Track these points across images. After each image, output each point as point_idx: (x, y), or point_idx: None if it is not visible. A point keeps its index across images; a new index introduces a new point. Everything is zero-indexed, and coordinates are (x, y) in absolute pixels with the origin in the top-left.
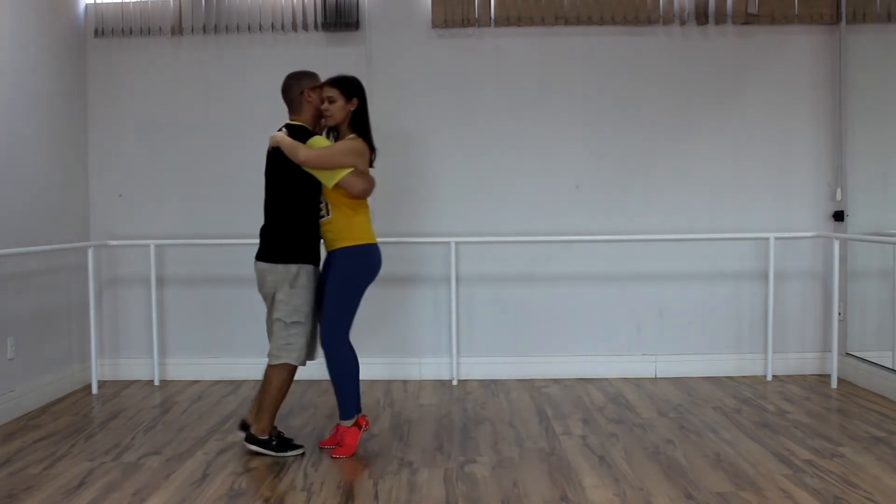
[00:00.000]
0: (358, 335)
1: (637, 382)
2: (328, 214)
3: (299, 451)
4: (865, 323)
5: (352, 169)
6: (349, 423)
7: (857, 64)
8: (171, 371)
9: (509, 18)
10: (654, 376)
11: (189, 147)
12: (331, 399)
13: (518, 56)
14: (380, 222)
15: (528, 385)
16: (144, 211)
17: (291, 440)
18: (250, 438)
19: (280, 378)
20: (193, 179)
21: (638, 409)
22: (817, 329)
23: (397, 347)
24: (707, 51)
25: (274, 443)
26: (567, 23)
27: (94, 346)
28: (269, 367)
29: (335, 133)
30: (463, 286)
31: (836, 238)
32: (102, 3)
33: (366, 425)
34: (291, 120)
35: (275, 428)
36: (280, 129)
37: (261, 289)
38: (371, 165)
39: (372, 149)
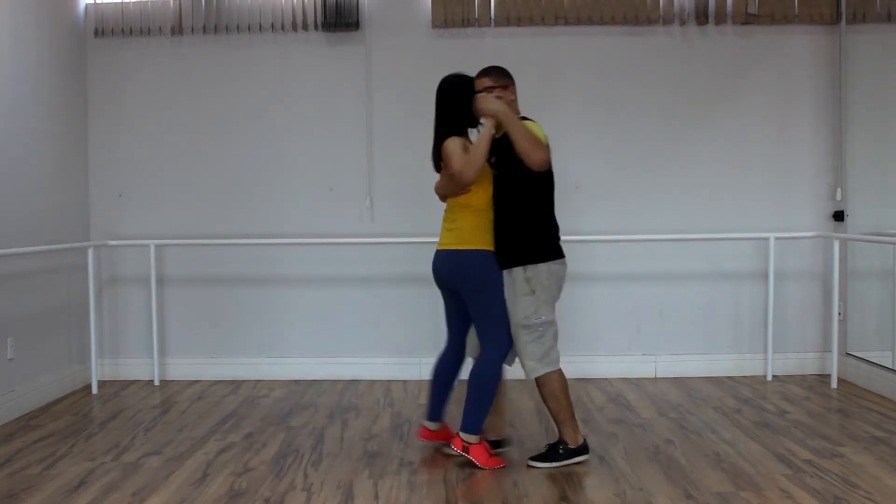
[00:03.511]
0: (359, 335)
1: (637, 382)
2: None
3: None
4: (865, 323)
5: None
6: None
7: (857, 64)
8: (171, 371)
9: (509, 18)
10: (654, 376)
11: (189, 147)
12: (331, 399)
13: (518, 56)
14: (380, 223)
15: (529, 385)
16: (144, 211)
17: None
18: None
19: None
20: (193, 179)
21: (638, 409)
22: (817, 329)
23: (397, 347)
24: (707, 51)
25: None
26: (567, 23)
27: (94, 346)
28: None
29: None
30: None
31: (836, 238)
32: (102, 3)
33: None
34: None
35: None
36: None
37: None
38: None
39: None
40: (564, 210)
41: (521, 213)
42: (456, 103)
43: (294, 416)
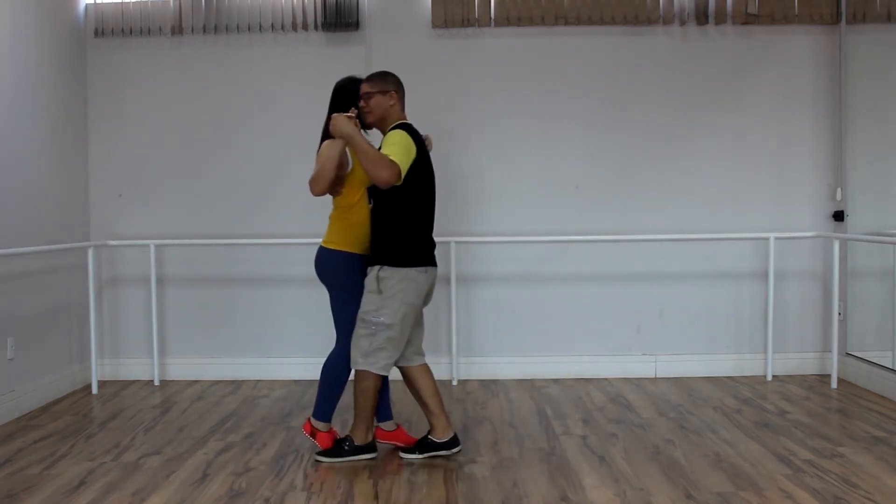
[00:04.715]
0: None
1: (637, 382)
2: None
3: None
4: (865, 323)
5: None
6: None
7: (857, 64)
8: (171, 371)
9: (509, 18)
10: (654, 376)
11: (189, 147)
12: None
13: (518, 56)
14: None
15: (528, 385)
16: (144, 211)
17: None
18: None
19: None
20: (193, 179)
21: (638, 409)
22: (817, 329)
23: None
24: (707, 51)
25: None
26: (567, 23)
27: (94, 346)
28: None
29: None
30: (463, 286)
31: (836, 238)
32: (102, 3)
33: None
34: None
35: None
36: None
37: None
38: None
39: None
40: (565, 210)
41: (387, 217)
42: (332, 107)
43: (294, 416)
